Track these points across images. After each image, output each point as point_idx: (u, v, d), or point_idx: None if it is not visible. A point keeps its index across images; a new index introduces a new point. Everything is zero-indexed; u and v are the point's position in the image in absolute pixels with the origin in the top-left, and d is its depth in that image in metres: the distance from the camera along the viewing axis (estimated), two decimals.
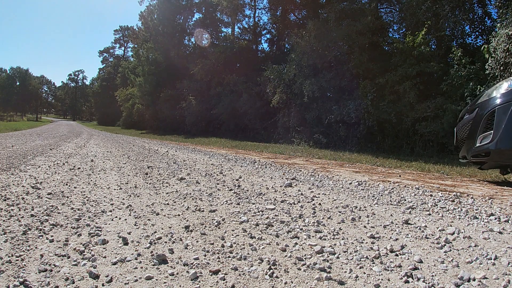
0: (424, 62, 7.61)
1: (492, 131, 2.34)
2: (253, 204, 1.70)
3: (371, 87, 8.35)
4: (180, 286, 0.86)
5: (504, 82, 2.55)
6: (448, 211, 1.58)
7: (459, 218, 1.47)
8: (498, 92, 2.49)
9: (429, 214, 1.54)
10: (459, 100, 6.42)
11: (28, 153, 3.96)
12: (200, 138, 13.79)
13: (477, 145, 2.45)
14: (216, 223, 1.37)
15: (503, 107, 2.34)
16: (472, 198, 1.83)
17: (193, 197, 1.85)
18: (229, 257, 1.04)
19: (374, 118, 8.05)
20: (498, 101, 2.42)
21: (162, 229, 1.29)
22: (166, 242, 1.15)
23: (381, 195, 1.92)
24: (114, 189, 2.04)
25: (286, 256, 1.06)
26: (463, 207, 1.64)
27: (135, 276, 0.90)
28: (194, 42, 21.87)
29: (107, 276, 0.89)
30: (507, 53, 5.34)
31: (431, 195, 1.89)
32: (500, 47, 5.46)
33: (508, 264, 0.99)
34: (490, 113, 2.41)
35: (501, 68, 5.31)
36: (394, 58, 8.41)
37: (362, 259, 1.03)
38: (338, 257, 1.05)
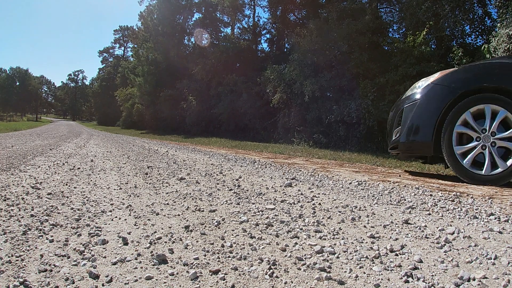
0: (424, 62, 7.61)
1: (400, 127, 2.78)
2: (253, 204, 1.70)
3: (372, 87, 8.35)
4: (180, 286, 0.86)
5: (415, 84, 2.92)
6: (448, 210, 1.58)
7: (459, 218, 1.47)
8: (409, 92, 2.88)
9: (429, 214, 1.54)
10: None
11: (28, 153, 3.96)
12: (200, 138, 13.79)
13: (393, 138, 2.90)
14: (216, 223, 1.37)
15: (409, 107, 2.75)
16: (472, 198, 1.83)
17: (193, 197, 1.85)
18: (229, 257, 1.04)
19: (375, 118, 8.05)
20: (407, 101, 2.82)
21: (162, 229, 1.29)
22: (166, 242, 1.15)
23: (381, 195, 1.92)
24: (114, 189, 2.04)
25: (286, 256, 1.06)
26: (463, 206, 1.65)
27: (135, 276, 0.90)
28: (194, 42, 21.86)
29: (107, 276, 0.89)
30: (507, 53, 5.34)
31: (431, 195, 1.89)
32: (500, 47, 5.46)
33: (508, 264, 0.99)
34: (400, 111, 2.83)
35: None
36: (394, 58, 8.41)
37: (362, 259, 1.03)
38: (338, 257, 1.05)
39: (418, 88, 2.78)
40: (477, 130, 2.42)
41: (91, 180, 2.32)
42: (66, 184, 2.12)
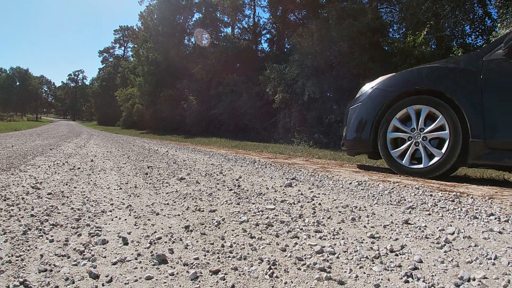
0: (425, 62, 7.62)
1: (346, 126, 3.16)
2: (253, 204, 1.70)
3: None
4: (180, 286, 0.86)
5: (362, 88, 3.24)
6: (448, 211, 1.58)
7: (459, 218, 1.47)
8: (357, 95, 3.20)
9: (429, 214, 1.54)
10: None
11: (28, 153, 3.96)
12: (200, 138, 13.79)
13: (343, 136, 3.29)
14: (216, 223, 1.37)
15: (353, 108, 3.10)
16: (472, 198, 1.83)
17: (193, 197, 1.85)
18: (229, 257, 1.04)
19: None
20: (353, 103, 3.17)
21: (162, 229, 1.29)
22: (166, 242, 1.15)
23: (381, 195, 1.92)
24: (114, 189, 2.04)
25: (286, 256, 1.06)
26: (463, 207, 1.64)
27: (135, 276, 0.90)
28: (194, 42, 21.87)
29: (107, 276, 0.89)
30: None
31: (431, 195, 1.89)
32: None
33: (508, 264, 0.99)
34: (347, 112, 3.23)
35: None
36: (395, 58, 8.41)
37: (362, 259, 1.03)
38: (338, 257, 1.05)
39: (363, 92, 3.10)
40: (406, 131, 2.71)
41: (91, 180, 2.32)
42: (66, 184, 2.12)
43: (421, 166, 2.63)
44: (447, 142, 2.50)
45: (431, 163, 2.58)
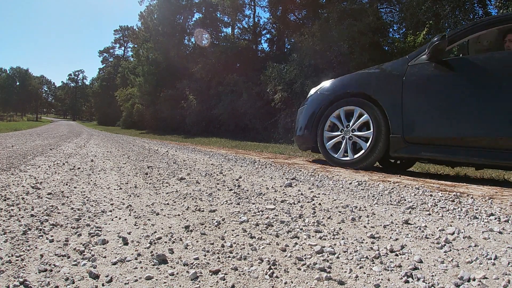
0: None
1: (295, 125, 3.65)
2: (253, 204, 1.70)
3: None
4: (180, 286, 0.86)
5: (310, 91, 3.64)
6: (448, 211, 1.58)
7: (459, 218, 1.47)
8: (307, 98, 3.62)
9: (429, 214, 1.54)
10: None
11: (28, 153, 3.96)
12: (200, 138, 13.79)
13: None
14: (216, 223, 1.37)
15: (300, 109, 3.59)
16: (472, 198, 1.83)
17: (193, 197, 1.85)
18: (229, 257, 1.04)
19: None
20: (301, 105, 3.64)
21: (162, 229, 1.29)
22: (166, 242, 1.15)
23: (381, 195, 1.92)
24: (114, 189, 2.04)
25: (286, 256, 1.06)
26: (463, 207, 1.64)
27: (135, 276, 0.90)
28: (194, 42, 21.86)
29: (107, 276, 0.89)
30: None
31: (431, 195, 1.89)
32: None
33: (508, 264, 0.99)
34: (297, 113, 3.68)
35: None
36: (395, 58, 8.41)
37: (362, 259, 1.03)
38: (338, 257, 1.05)
39: (309, 95, 3.56)
40: (340, 128, 3.12)
41: (91, 180, 2.32)
42: (66, 184, 2.12)
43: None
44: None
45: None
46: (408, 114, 2.69)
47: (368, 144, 2.87)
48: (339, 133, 3.12)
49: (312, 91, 3.51)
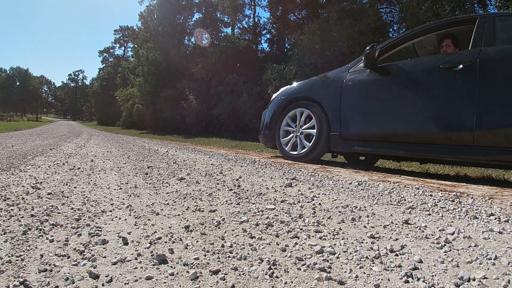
0: None
1: (260, 125, 4.10)
2: (253, 204, 1.70)
3: None
4: (180, 286, 0.86)
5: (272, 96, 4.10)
6: (448, 211, 1.58)
7: (459, 218, 1.47)
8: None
9: (429, 214, 1.54)
10: None
11: (28, 153, 3.96)
12: (200, 138, 13.79)
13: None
14: (216, 223, 1.37)
15: (264, 112, 4.04)
16: (472, 198, 1.83)
17: (193, 197, 1.85)
18: (229, 257, 1.04)
19: None
20: (265, 108, 4.07)
21: (162, 229, 1.29)
22: (166, 242, 1.15)
23: (381, 195, 1.92)
24: (114, 189, 2.04)
25: (286, 256, 1.06)
26: (463, 207, 1.64)
27: (135, 276, 0.90)
28: (194, 42, 21.85)
29: (107, 276, 0.89)
30: None
31: (431, 195, 1.89)
32: None
33: (508, 264, 0.99)
34: (262, 114, 4.11)
35: None
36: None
37: (362, 259, 1.03)
38: (338, 257, 1.05)
39: (272, 99, 3.99)
40: (292, 127, 3.58)
41: (91, 180, 2.32)
42: (66, 184, 2.12)
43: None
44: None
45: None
46: (344, 114, 3.08)
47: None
48: (293, 129, 3.57)
49: (274, 96, 3.98)
